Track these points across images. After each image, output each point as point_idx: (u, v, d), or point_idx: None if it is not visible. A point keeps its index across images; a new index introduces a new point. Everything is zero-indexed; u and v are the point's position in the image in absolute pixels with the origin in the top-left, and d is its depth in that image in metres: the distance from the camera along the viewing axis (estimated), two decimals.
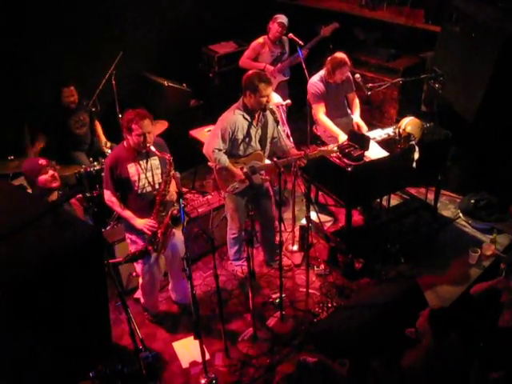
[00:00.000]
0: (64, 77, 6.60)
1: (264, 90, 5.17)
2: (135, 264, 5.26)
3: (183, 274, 5.49)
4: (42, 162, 4.87)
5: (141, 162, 4.90)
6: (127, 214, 4.94)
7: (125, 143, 4.92)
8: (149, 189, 4.95)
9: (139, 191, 4.92)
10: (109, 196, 4.94)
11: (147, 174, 4.93)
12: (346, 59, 6.23)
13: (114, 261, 4.97)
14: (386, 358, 4.35)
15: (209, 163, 5.60)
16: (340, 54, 6.27)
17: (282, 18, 7.31)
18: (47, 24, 6.90)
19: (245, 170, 5.37)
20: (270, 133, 5.54)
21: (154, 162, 4.98)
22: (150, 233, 4.88)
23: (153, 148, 4.79)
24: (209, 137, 5.69)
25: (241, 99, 5.40)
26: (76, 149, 6.56)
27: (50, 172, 4.85)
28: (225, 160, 5.38)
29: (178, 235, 5.24)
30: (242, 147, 5.45)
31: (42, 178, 4.80)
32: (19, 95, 6.83)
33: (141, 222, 4.90)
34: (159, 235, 4.95)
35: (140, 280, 5.41)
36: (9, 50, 6.67)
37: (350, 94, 6.65)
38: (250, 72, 5.42)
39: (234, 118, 5.34)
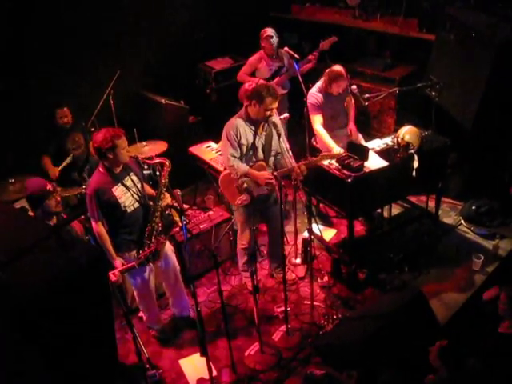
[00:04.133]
0: (61, 97, 6.62)
1: (270, 103, 5.21)
2: (129, 279, 5.29)
3: (182, 285, 5.55)
4: (49, 187, 4.92)
5: (123, 181, 4.91)
6: (109, 248, 4.91)
7: (100, 169, 4.87)
8: (136, 205, 4.96)
9: (129, 210, 4.91)
10: (96, 227, 4.87)
11: (132, 190, 4.94)
12: (343, 72, 6.25)
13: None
14: (395, 371, 4.34)
15: (230, 175, 5.59)
16: (337, 67, 6.30)
17: (268, 32, 7.34)
18: (45, 45, 6.95)
19: (245, 185, 5.37)
20: (275, 145, 5.54)
21: (134, 177, 5.00)
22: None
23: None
24: (221, 148, 5.72)
25: (243, 109, 5.44)
26: (73, 170, 6.57)
27: (57, 198, 4.89)
28: (243, 166, 5.41)
29: (168, 245, 5.30)
30: (245, 155, 5.47)
31: (49, 202, 4.84)
32: (17, 117, 6.86)
33: (118, 262, 4.92)
34: (156, 246, 4.95)
35: (136, 295, 5.44)
36: (7, 72, 6.71)
37: (346, 98, 6.66)
38: (260, 84, 5.47)
39: (236, 122, 5.40)
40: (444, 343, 4.11)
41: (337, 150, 6.14)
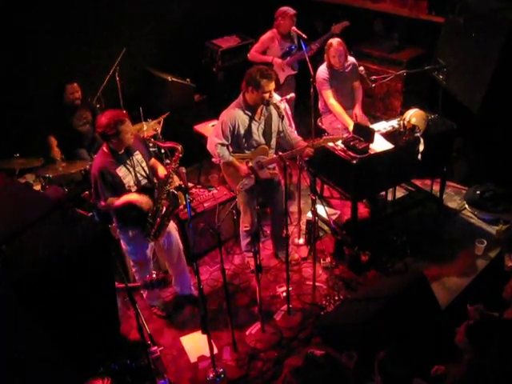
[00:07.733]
0: (68, 74, 6.61)
1: (266, 85, 5.16)
2: (129, 255, 5.32)
3: (184, 263, 5.56)
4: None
5: (128, 162, 4.89)
6: (123, 198, 4.78)
7: (104, 149, 4.83)
8: (142, 184, 4.97)
9: (133, 190, 4.89)
10: (104, 200, 4.82)
11: (136, 170, 4.93)
12: (334, 43, 6.33)
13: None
14: (393, 350, 4.34)
15: (213, 159, 5.60)
16: (332, 39, 6.42)
17: (292, 11, 7.23)
18: (51, 21, 6.91)
19: (250, 164, 5.36)
20: (275, 126, 5.52)
21: (138, 156, 4.98)
22: (147, 207, 4.82)
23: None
24: (211, 133, 5.68)
25: (241, 95, 5.41)
26: (79, 146, 6.57)
27: None
28: (227, 155, 5.39)
29: (171, 223, 5.32)
30: (245, 142, 5.45)
31: None
32: (23, 93, 6.84)
33: (138, 198, 4.81)
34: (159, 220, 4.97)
35: (134, 271, 5.46)
36: (12, 48, 6.69)
37: (354, 83, 6.67)
38: (252, 68, 5.43)
39: (234, 113, 5.35)
40: (471, 322, 4.05)
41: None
